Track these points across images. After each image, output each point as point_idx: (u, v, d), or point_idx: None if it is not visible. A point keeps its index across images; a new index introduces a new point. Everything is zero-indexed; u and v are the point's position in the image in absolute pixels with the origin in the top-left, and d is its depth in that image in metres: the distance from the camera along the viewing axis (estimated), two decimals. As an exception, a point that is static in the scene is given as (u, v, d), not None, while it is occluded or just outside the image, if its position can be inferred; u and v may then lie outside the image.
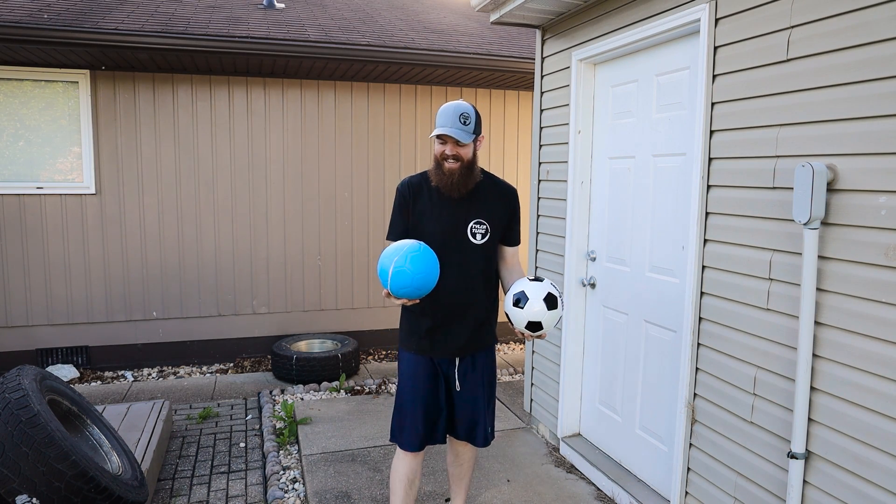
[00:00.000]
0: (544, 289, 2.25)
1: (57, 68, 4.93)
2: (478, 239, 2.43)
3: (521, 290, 2.26)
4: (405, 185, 2.47)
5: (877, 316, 1.88)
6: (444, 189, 2.38)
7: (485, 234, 2.43)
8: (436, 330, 2.45)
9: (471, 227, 2.41)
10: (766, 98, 2.24)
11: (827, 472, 2.04)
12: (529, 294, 2.24)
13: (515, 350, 6.13)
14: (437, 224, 2.40)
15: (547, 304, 2.23)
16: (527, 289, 2.25)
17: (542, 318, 2.23)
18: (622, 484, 3.14)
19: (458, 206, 2.41)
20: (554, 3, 3.33)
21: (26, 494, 2.33)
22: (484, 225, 2.43)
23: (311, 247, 5.69)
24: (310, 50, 4.72)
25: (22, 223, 5.00)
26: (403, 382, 2.53)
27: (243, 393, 4.85)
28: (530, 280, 2.29)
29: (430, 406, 2.50)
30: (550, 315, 2.23)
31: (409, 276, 2.17)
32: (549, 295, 2.24)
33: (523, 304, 2.24)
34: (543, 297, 2.23)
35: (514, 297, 2.26)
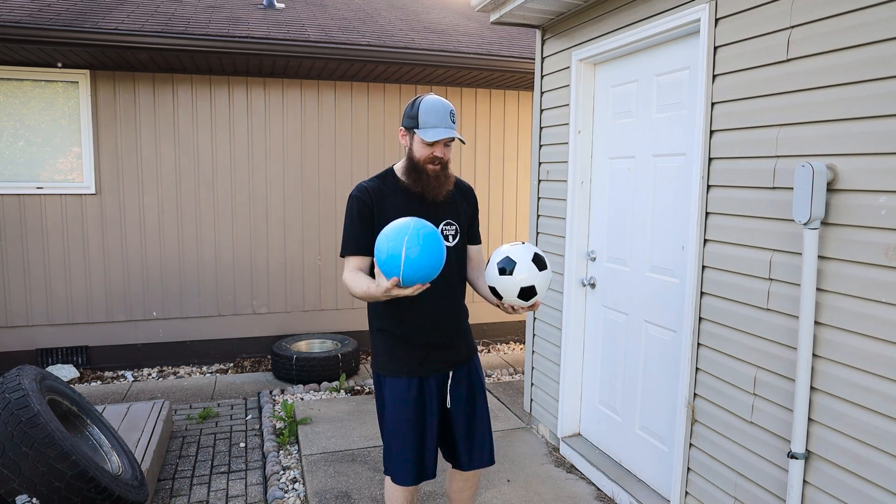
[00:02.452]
0: (529, 249, 2.05)
1: (57, 68, 4.93)
2: (450, 241, 2.26)
3: (504, 255, 2.03)
4: (364, 191, 2.20)
5: (877, 316, 1.88)
6: (428, 193, 2.19)
7: (455, 235, 2.28)
8: (423, 344, 2.22)
9: (441, 228, 2.24)
10: (766, 98, 2.24)
11: (827, 472, 2.04)
12: (515, 258, 2.02)
13: (515, 350, 6.13)
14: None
15: (537, 265, 2.01)
16: (511, 253, 2.03)
17: (534, 282, 2.01)
18: (622, 484, 3.14)
19: (427, 208, 2.21)
20: (554, 3, 3.33)
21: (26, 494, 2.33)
22: (454, 225, 2.29)
23: (311, 247, 5.69)
24: (310, 50, 4.72)
25: (22, 223, 5.00)
26: (392, 412, 2.25)
27: (243, 393, 4.85)
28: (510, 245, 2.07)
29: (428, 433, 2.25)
30: (542, 276, 2.02)
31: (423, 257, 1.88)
32: (536, 255, 2.04)
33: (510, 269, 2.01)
34: (531, 258, 2.02)
35: (498, 267, 2.03)
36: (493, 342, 6.32)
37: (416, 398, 2.23)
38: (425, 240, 1.89)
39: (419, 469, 2.25)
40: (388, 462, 2.31)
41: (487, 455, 2.36)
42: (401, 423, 2.24)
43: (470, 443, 2.33)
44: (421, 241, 1.88)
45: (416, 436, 2.24)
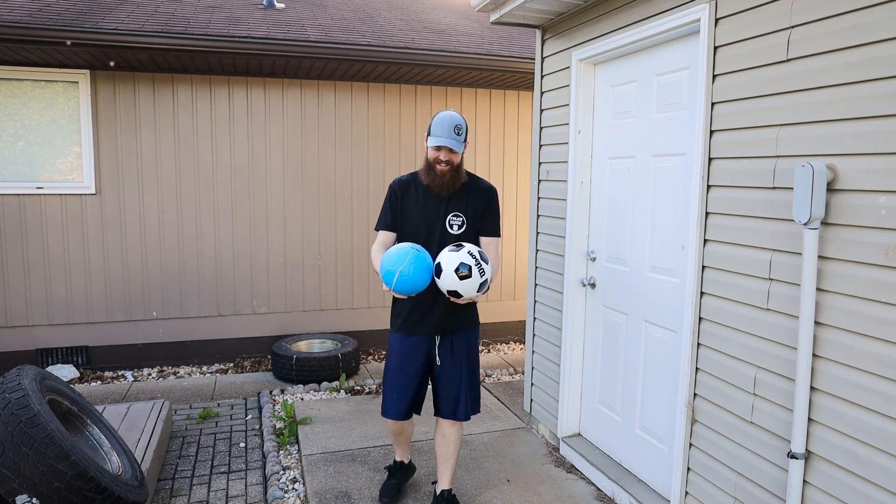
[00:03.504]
0: (457, 259, 2.48)
1: (57, 68, 4.93)
2: (454, 229, 2.77)
3: (438, 260, 2.52)
4: (396, 183, 2.85)
5: (877, 316, 1.88)
6: (436, 188, 2.74)
7: (461, 226, 2.78)
8: (415, 311, 2.77)
9: (448, 219, 2.76)
10: (766, 98, 2.24)
11: (827, 472, 2.04)
12: (444, 265, 2.49)
13: (515, 350, 6.13)
14: (420, 216, 2.77)
15: (458, 276, 2.46)
16: (442, 260, 2.50)
17: (457, 288, 2.47)
18: (622, 484, 3.14)
19: (439, 202, 2.77)
20: (554, 3, 3.33)
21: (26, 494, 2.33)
22: (461, 217, 2.78)
23: (311, 247, 5.70)
24: (310, 50, 4.72)
25: (22, 223, 5.00)
26: (389, 358, 2.89)
27: (243, 393, 4.85)
28: (449, 250, 2.52)
29: (411, 379, 2.83)
30: (464, 284, 2.46)
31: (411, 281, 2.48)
32: (461, 264, 2.46)
33: (439, 274, 2.50)
34: (454, 268, 2.47)
35: (435, 267, 2.52)
36: (493, 342, 6.32)
37: (407, 351, 2.82)
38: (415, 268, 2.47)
39: (400, 406, 2.84)
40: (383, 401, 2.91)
41: (462, 413, 2.84)
42: (391, 368, 2.86)
43: (446, 396, 2.84)
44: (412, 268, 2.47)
45: (402, 379, 2.83)
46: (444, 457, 2.92)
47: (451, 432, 2.89)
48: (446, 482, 2.93)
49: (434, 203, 2.77)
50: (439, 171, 2.69)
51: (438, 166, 2.68)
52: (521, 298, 6.32)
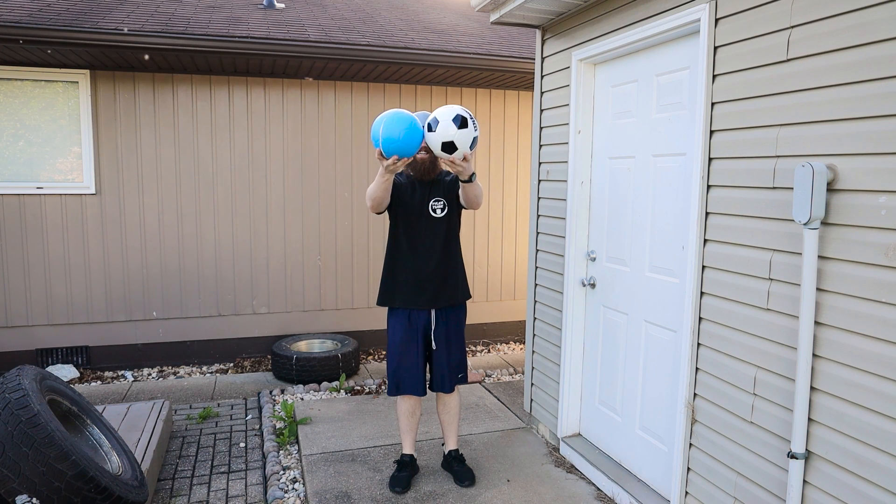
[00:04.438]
0: (453, 111, 2.57)
1: (57, 68, 4.93)
2: (437, 213, 3.11)
3: (432, 116, 2.61)
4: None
5: (877, 316, 1.88)
6: (417, 174, 3.11)
7: (443, 209, 3.12)
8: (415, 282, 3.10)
9: (431, 204, 3.10)
10: (766, 98, 2.24)
11: (827, 472, 2.04)
12: (440, 117, 2.57)
13: (515, 350, 6.13)
14: (409, 201, 3.10)
15: (457, 124, 2.55)
16: (437, 114, 2.60)
17: (454, 138, 2.56)
18: (622, 484, 3.14)
19: (423, 188, 3.12)
20: (554, 3, 3.33)
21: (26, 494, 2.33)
22: (441, 201, 3.12)
23: (311, 247, 5.69)
24: (310, 50, 4.72)
25: (22, 223, 5.00)
26: (393, 337, 3.18)
27: (243, 393, 4.85)
28: (443, 107, 2.63)
29: (420, 351, 3.16)
30: (461, 133, 2.56)
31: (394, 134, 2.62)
32: (458, 115, 2.56)
33: (434, 126, 2.57)
34: (452, 117, 2.56)
35: (427, 124, 2.62)
36: (493, 342, 6.32)
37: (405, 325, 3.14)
38: (395, 123, 2.62)
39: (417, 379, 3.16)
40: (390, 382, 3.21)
41: (448, 386, 3.23)
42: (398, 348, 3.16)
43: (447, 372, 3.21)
44: (391, 123, 2.62)
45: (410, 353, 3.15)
46: (448, 422, 3.36)
47: (450, 400, 3.33)
48: (453, 443, 3.40)
49: (419, 191, 3.12)
50: (419, 159, 3.06)
51: (418, 155, 3.05)
52: (521, 298, 6.32)
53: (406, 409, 3.26)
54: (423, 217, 3.11)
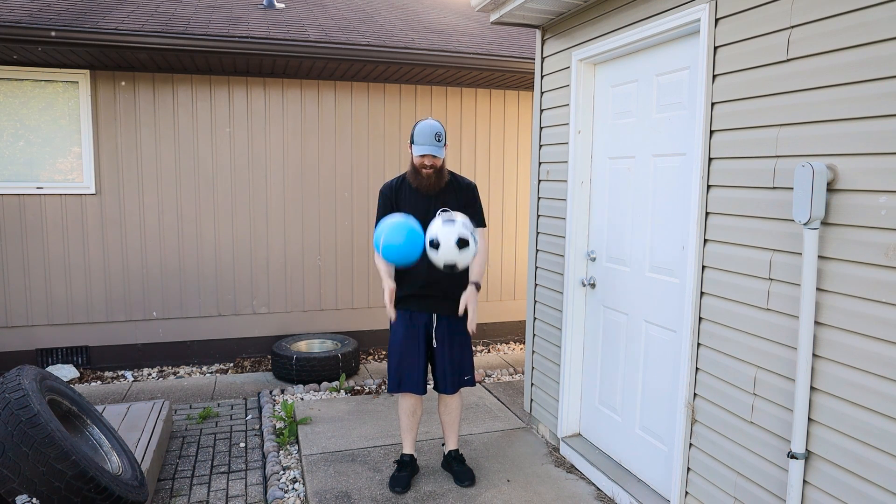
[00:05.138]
0: (456, 232, 2.64)
1: (57, 68, 4.93)
2: None
3: (434, 236, 2.67)
4: (387, 188, 3.16)
5: (877, 316, 1.88)
6: (423, 189, 3.06)
7: None
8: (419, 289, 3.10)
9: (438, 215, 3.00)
10: (766, 98, 2.24)
11: (827, 472, 2.04)
12: (441, 239, 2.65)
13: (515, 350, 6.13)
14: (412, 214, 3.00)
15: (458, 246, 2.64)
16: (439, 234, 2.66)
17: (456, 260, 2.66)
18: (622, 484, 3.14)
19: (427, 201, 3.09)
20: (554, 3, 3.33)
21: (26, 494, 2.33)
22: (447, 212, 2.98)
23: (311, 247, 5.69)
24: (310, 50, 4.72)
25: (22, 223, 5.00)
26: (395, 336, 3.19)
27: (243, 393, 4.85)
28: (443, 224, 2.68)
29: (422, 351, 3.16)
30: (463, 255, 2.66)
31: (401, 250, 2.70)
32: (461, 239, 2.64)
33: (437, 247, 2.64)
34: (455, 241, 2.64)
35: (428, 241, 2.69)
36: (493, 342, 6.32)
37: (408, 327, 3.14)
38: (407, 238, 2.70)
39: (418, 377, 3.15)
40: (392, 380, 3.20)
41: (450, 388, 3.21)
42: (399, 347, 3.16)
43: (449, 373, 3.20)
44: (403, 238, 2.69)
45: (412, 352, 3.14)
46: (449, 423, 3.36)
47: (452, 402, 3.32)
48: (453, 444, 3.40)
49: (423, 201, 3.10)
50: (425, 174, 3.03)
51: (424, 170, 3.02)
52: (521, 298, 6.32)
53: (407, 407, 3.27)
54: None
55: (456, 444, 3.40)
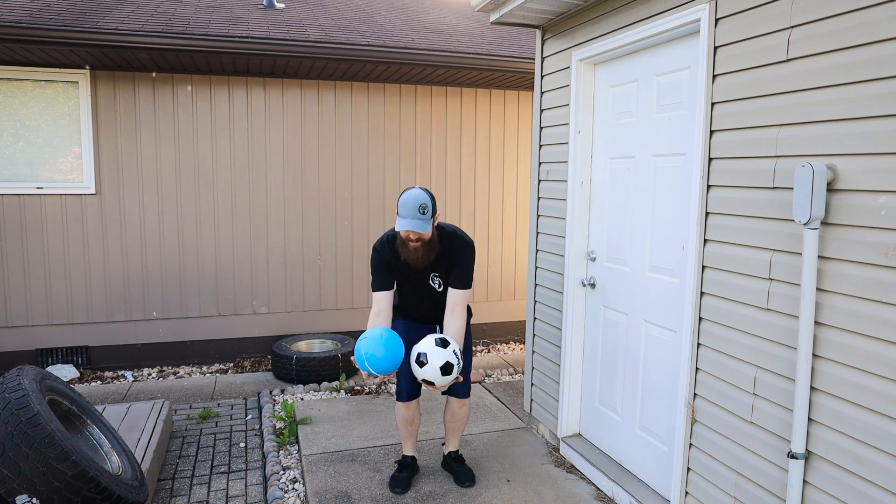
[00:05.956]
0: (444, 357, 2.72)
1: (57, 68, 4.93)
2: (437, 287, 3.08)
3: (424, 351, 2.75)
4: (382, 246, 3.02)
5: (877, 316, 1.88)
6: (412, 263, 2.93)
7: (441, 284, 3.07)
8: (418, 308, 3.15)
9: (431, 278, 3.05)
10: (766, 98, 2.24)
11: (827, 472, 2.04)
12: (430, 359, 2.72)
13: (515, 350, 6.13)
14: (409, 278, 3.04)
15: (442, 371, 2.71)
16: (429, 353, 2.74)
17: (435, 380, 2.74)
18: (622, 484, 3.14)
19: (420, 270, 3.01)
20: (554, 3, 3.33)
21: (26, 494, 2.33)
22: (438, 278, 3.06)
23: (311, 247, 5.69)
24: (310, 50, 4.72)
25: (22, 223, 5.00)
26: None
27: (243, 393, 4.85)
28: (435, 345, 2.75)
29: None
30: (443, 379, 2.74)
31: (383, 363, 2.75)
32: (447, 364, 2.72)
33: (421, 364, 2.73)
34: (441, 365, 2.72)
35: (416, 354, 2.76)
36: (493, 342, 6.32)
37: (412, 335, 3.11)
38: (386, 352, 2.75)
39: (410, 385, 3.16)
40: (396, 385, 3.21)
41: (463, 391, 3.21)
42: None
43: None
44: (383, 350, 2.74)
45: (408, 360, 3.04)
46: (452, 428, 3.35)
47: (460, 410, 3.29)
48: (454, 445, 3.41)
49: (416, 272, 3.03)
50: (412, 247, 2.89)
51: (411, 243, 2.88)
52: (521, 298, 6.32)
53: (403, 417, 3.25)
54: (424, 290, 3.10)
55: (457, 446, 3.41)
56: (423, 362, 2.72)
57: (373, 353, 2.72)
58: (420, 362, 2.73)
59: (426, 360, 2.72)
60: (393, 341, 2.77)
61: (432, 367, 2.72)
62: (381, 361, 2.72)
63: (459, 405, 3.26)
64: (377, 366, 2.73)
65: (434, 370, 2.72)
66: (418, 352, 2.76)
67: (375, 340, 2.75)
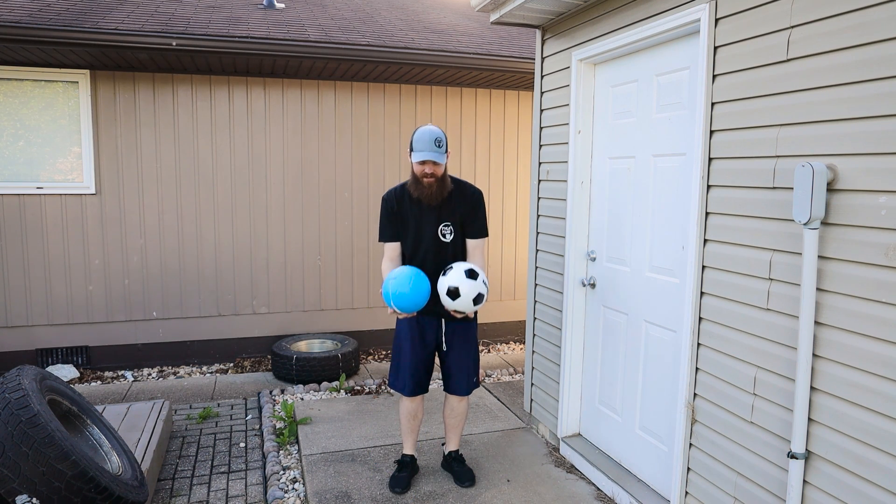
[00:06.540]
0: (476, 289, 2.79)
1: (57, 68, 4.93)
2: (447, 237, 3.06)
3: (456, 285, 2.78)
4: (390, 195, 3.10)
5: (877, 316, 1.88)
6: (425, 199, 2.98)
7: (451, 233, 3.06)
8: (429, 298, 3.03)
9: (440, 228, 3.04)
10: (766, 98, 2.24)
11: (827, 472, 2.04)
12: (463, 291, 2.77)
13: (515, 350, 6.13)
14: (415, 227, 3.04)
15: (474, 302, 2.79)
16: (461, 285, 2.78)
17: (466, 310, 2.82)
18: (622, 484, 3.14)
19: (431, 212, 3.04)
20: (554, 3, 3.33)
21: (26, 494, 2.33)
22: (450, 226, 3.06)
23: (311, 247, 5.69)
24: (310, 50, 4.72)
25: (22, 223, 5.00)
26: (399, 339, 3.18)
27: (243, 393, 4.85)
28: (466, 276, 2.78)
29: (426, 355, 3.16)
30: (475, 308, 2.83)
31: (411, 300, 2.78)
32: (479, 295, 2.79)
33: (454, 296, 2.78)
34: (473, 297, 2.78)
35: (447, 289, 2.79)
36: (493, 342, 6.32)
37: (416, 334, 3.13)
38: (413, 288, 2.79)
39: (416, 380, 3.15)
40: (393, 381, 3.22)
41: (463, 389, 3.21)
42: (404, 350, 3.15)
43: (456, 375, 3.19)
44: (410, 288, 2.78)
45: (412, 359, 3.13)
46: (452, 425, 3.34)
47: (459, 406, 3.29)
48: (454, 445, 3.39)
49: (427, 214, 3.05)
50: (426, 183, 2.94)
51: (425, 179, 2.94)
52: (521, 298, 6.32)
53: (408, 410, 3.26)
54: (431, 242, 3.06)
55: (457, 446, 3.40)
56: (457, 295, 2.77)
57: (401, 292, 2.77)
58: (453, 295, 2.78)
59: (459, 293, 2.77)
60: (420, 280, 2.81)
61: (465, 300, 2.78)
62: (409, 298, 2.77)
63: (458, 400, 3.27)
64: (403, 303, 2.78)
65: (467, 302, 2.79)
66: (449, 286, 2.79)
67: (403, 279, 2.79)
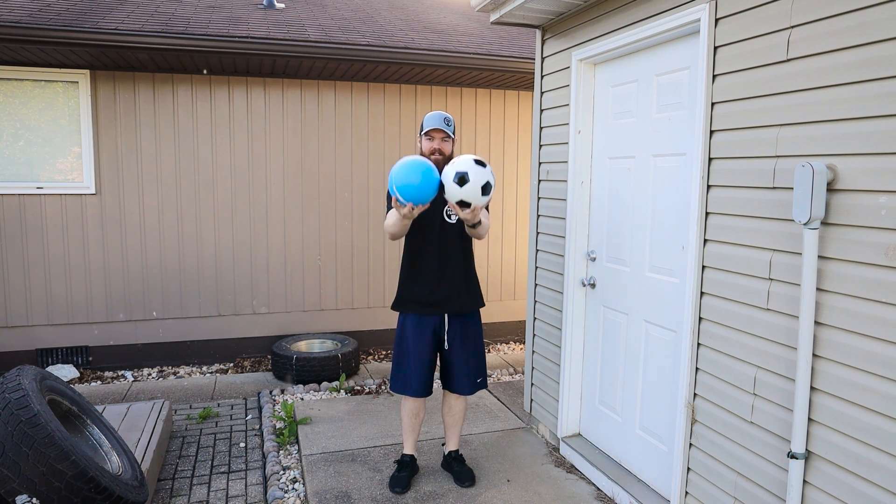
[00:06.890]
0: (484, 176, 2.67)
1: (57, 68, 4.93)
2: (452, 219, 3.08)
3: (465, 170, 2.65)
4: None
5: (877, 316, 1.88)
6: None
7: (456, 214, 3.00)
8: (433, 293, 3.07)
9: (445, 209, 3.06)
10: (766, 98, 2.24)
11: (827, 472, 2.04)
12: (472, 176, 2.65)
13: (515, 350, 6.13)
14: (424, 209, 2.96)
15: (482, 191, 2.66)
16: (470, 171, 2.65)
17: (473, 200, 2.68)
18: (622, 484, 3.14)
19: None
20: (554, 3, 3.33)
21: (26, 494, 2.33)
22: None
23: (311, 247, 5.69)
24: (310, 50, 4.72)
25: (22, 223, 5.00)
26: (403, 339, 3.16)
27: (243, 393, 4.85)
28: (476, 163, 2.68)
29: (431, 356, 3.15)
30: (482, 199, 2.69)
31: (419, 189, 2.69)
32: (487, 183, 2.67)
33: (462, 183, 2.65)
34: (482, 184, 2.66)
35: (455, 174, 2.66)
36: (493, 342, 6.32)
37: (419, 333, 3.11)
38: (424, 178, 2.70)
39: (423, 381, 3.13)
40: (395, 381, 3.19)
41: (465, 388, 3.20)
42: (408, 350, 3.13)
43: (456, 374, 3.17)
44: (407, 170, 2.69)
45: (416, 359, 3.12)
46: (451, 424, 3.35)
47: (457, 404, 3.30)
48: (454, 444, 3.39)
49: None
50: (434, 160, 2.99)
51: (434, 157, 3.02)
52: (521, 298, 6.32)
53: (410, 409, 3.26)
54: (437, 223, 3.06)
55: (457, 445, 3.39)
56: (466, 180, 2.64)
57: (409, 183, 2.67)
58: (462, 180, 2.64)
59: (468, 178, 2.64)
60: (428, 171, 2.71)
61: (474, 186, 2.64)
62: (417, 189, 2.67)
63: (457, 399, 3.27)
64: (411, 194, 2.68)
65: (475, 189, 2.65)
66: (457, 171, 2.67)
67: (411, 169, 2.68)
